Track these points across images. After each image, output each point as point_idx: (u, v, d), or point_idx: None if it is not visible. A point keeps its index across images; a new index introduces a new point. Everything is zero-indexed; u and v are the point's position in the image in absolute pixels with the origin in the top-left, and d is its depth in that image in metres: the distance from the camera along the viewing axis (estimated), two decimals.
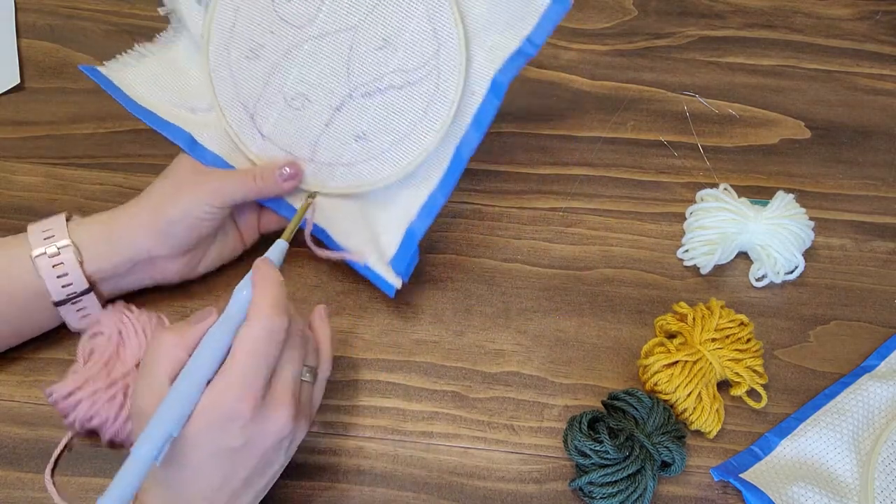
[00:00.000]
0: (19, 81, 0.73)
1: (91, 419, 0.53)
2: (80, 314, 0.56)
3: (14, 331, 0.56)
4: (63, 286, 0.54)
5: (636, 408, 0.55)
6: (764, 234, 0.63)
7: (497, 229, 0.66)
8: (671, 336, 0.59)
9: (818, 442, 0.56)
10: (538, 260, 0.65)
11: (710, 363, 0.56)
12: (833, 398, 0.58)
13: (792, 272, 0.64)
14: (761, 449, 0.56)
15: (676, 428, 0.54)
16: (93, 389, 0.53)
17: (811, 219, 0.64)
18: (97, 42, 0.76)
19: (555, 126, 0.72)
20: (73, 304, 0.55)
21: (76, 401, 0.52)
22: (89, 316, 0.56)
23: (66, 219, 0.56)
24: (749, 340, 0.58)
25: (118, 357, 0.54)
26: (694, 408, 0.56)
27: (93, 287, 0.55)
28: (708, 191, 0.65)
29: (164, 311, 0.59)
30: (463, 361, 0.60)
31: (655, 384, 0.56)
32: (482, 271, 0.64)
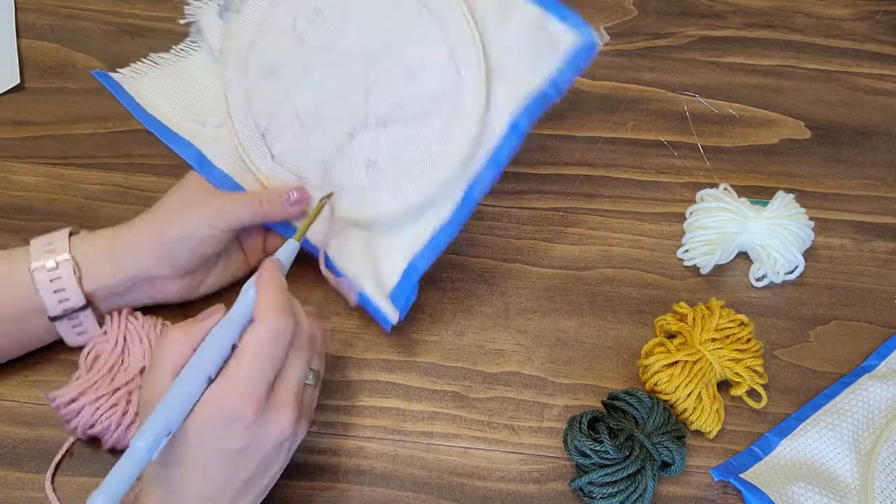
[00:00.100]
0: (19, 81, 0.73)
1: (93, 426, 0.53)
2: (77, 330, 0.55)
3: (13, 343, 0.56)
4: (60, 301, 0.53)
5: (636, 408, 0.55)
6: (764, 234, 0.63)
7: (497, 229, 0.66)
8: (671, 336, 0.59)
9: (818, 442, 0.56)
10: (538, 260, 0.65)
11: (710, 363, 0.56)
12: (833, 398, 0.58)
13: (792, 272, 0.64)
14: (761, 449, 0.56)
15: (676, 428, 0.54)
16: (95, 396, 0.53)
17: (811, 219, 0.64)
18: (97, 42, 0.76)
19: (554, 126, 0.72)
20: (70, 320, 0.55)
21: (79, 407, 0.52)
22: (85, 333, 0.56)
23: (72, 233, 0.56)
24: (749, 340, 0.58)
25: (122, 364, 0.54)
26: (694, 408, 0.56)
27: (90, 303, 0.55)
28: (708, 191, 0.65)
29: (169, 319, 0.58)
30: (463, 361, 0.60)
31: (655, 384, 0.56)
32: (482, 271, 0.64)
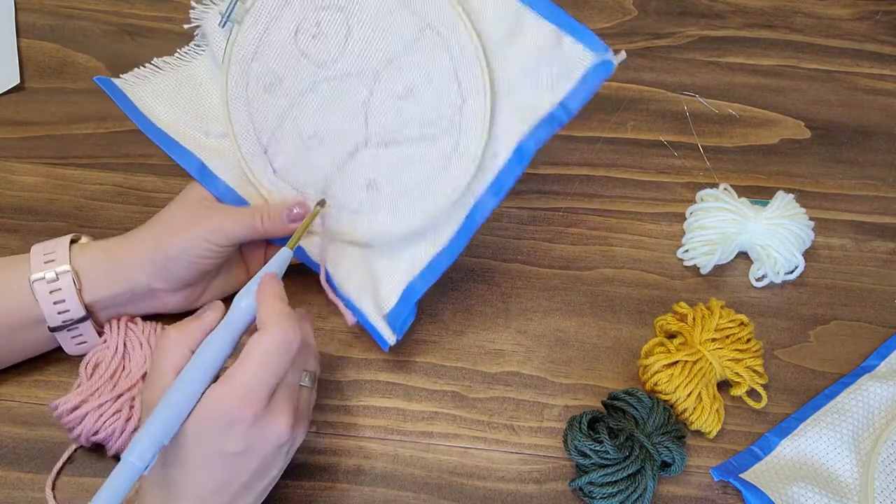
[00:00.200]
0: (19, 81, 0.73)
1: (97, 433, 0.52)
2: (76, 340, 0.55)
3: (12, 352, 0.56)
4: (59, 312, 0.53)
5: (636, 408, 0.55)
6: (764, 234, 0.63)
7: (497, 229, 0.66)
8: (671, 336, 0.59)
9: (818, 442, 0.56)
10: (538, 260, 0.65)
11: (710, 363, 0.56)
12: (833, 398, 0.58)
13: (792, 272, 0.64)
14: (761, 449, 0.56)
15: (676, 428, 0.54)
16: (98, 403, 0.53)
17: (811, 219, 0.64)
18: (97, 42, 0.76)
19: None
20: (69, 331, 0.55)
21: (82, 415, 0.52)
22: (85, 343, 0.56)
23: (73, 240, 0.56)
24: (749, 340, 0.58)
25: (124, 370, 0.55)
26: (694, 408, 0.56)
27: (90, 314, 0.55)
28: (708, 191, 0.65)
29: (169, 324, 0.58)
30: (463, 361, 0.60)
31: (655, 384, 0.56)
32: (482, 271, 0.64)
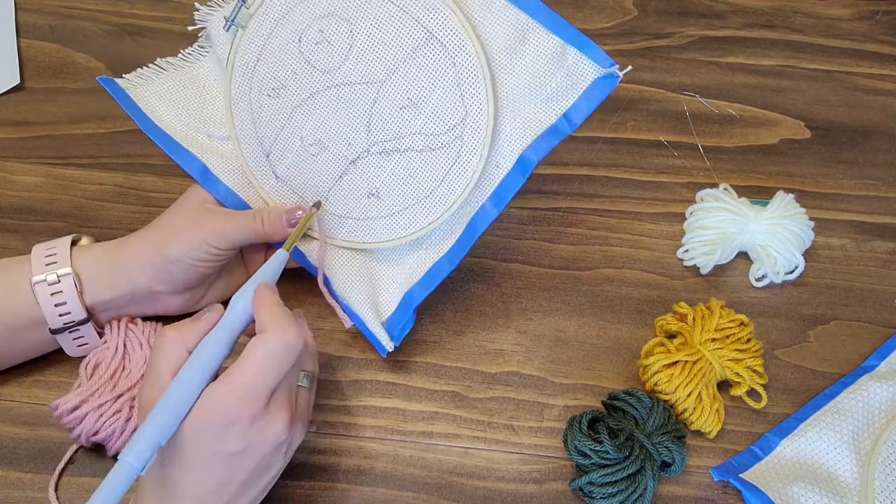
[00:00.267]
0: (19, 81, 0.73)
1: (97, 433, 0.52)
2: (77, 342, 0.56)
3: (12, 353, 0.56)
4: (60, 315, 0.53)
5: (636, 408, 0.55)
6: (764, 234, 0.63)
7: (497, 229, 0.66)
8: (671, 336, 0.59)
9: (818, 442, 0.56)
10: (538, 260, 0.65)
11: (710, 363, 0.56)
12: (833, 398, 0.58)
13: (792, 272, 0.64)
14: (761, 449, 0.56)
15: (676, 428, 0.54)
16: (98, 403, 0.53)
17: (811, 219, 0.64)
18: (97, 42, 0.76)
19: None
20: (70, 333, 0.55)
21: (82, 415, 0.52)
22: (86, 345, 0.56)
23: (74, 241, 0.56)
24: (749, 340, 0.58)
25: (124, 370, 0.55)
26: (694, 408, 0.56)
27: (91, 316, 0.55)
28: (708, 191, 0.65)
29: (169, 324, 0.58)
30: (463, 361, 0.60)
31: (655, 384, 0.56)
32: (482, 271, 0.64)
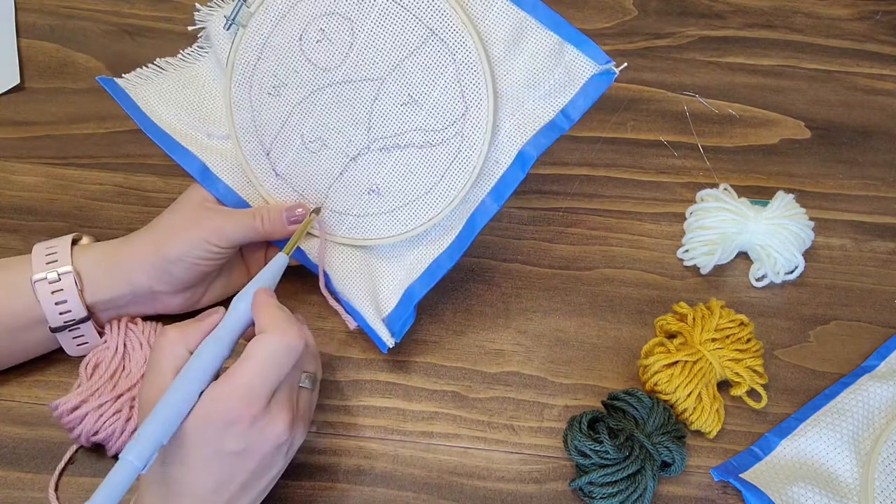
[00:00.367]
0: (19, 81, 0.73)
1: (97, 433, 0.52)
2: (77, 341, 0.55)
3: (13, 352, 0.56)
4: (61, 313, 0.53)
5: (636, 408, 0.55)
6: (764, 234, 0.63)
7: (497, 229, 0.66)
8: (671, 336, 0.59)
9: (818, 442, 0.56)
10: (538, 260, 0.65)
11: (710, 363, 0.56)
12: (833, 398, 0.58)
13: (792, 272, 0.64)
14: (761, 449, 0.56)
15: (676, 428, 0.54)
16: (98, 403, 0.53)
17: (811, 219, 0.64)
18: (97, 42, 0.76)
19: None
20: (70, 332, 0.55)
21: (82, 415, 0.52)
22: (86, 344, 0.56)
23: (74, 240, 0.55)
24: (749, 340, 0.58)
25: (124, 370, 0.55)
26: (694, 408, 0.56)
27: (92, 315, 0.55)
28: (708, 191, 0.65)
29: (170, 324, 0.58)
30: (463, 361, 0.60)
31: (655, 384, 0.56)
32: (482, 271, 0.64)
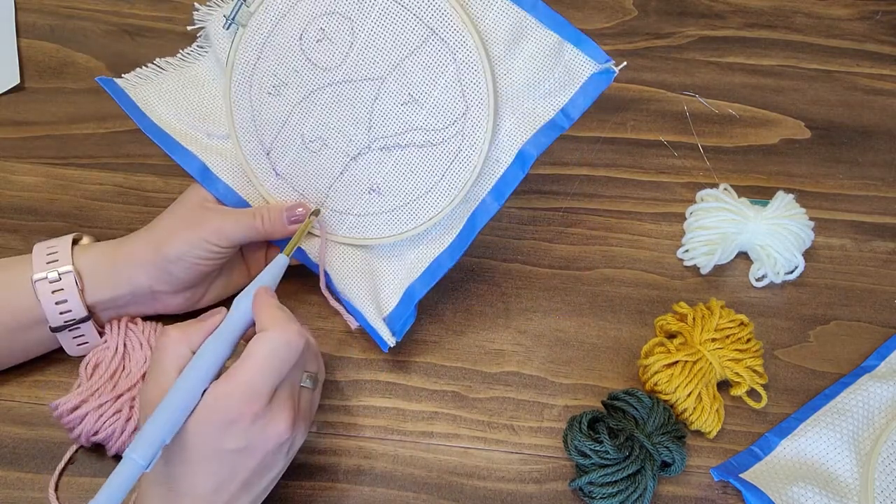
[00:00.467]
0: (19, 81, 0.73)
1: (97, 433, 0.52)
2: (77, 341, 0.55)
3: (13, 352, 0.56)
4: (61, 313, 0.53)
5: (636, 408, 0.55)
6: (764, 234, 0.63)
7: (497, 229, 0.66)
8: (671, 336, 0.59)
9: (818, 442, 0.56)
10: (538, 260, 0.65)
11: (710, 363, 0.56)
12: (833, 398, 0.58)
13: (792, 272, 0.64)
14: (761, 449, 0.56)
15: (676, 428, 0.54)
16: (98, 403, 0.53)
17: (811, 219, 0.64)
18: (97, 42, 0.76)
19: None
20: (71, 332, 0.55)
21: (82, 414, 0.52)
22: (87, 344, 0.56)
23: (75, 240, 0.55)
24: (749, 340, 0.58)
25: (124, 370, 0.55)
26: (694, 408, 0.56)
27: (92, 315, 0.55)
28: (708, 191, 0.65)
29: (170, 324, 0.58)
30: (463, 361, 0.60)
31: (655, 384, 0.56)
32: (482, 271, 0.64)
